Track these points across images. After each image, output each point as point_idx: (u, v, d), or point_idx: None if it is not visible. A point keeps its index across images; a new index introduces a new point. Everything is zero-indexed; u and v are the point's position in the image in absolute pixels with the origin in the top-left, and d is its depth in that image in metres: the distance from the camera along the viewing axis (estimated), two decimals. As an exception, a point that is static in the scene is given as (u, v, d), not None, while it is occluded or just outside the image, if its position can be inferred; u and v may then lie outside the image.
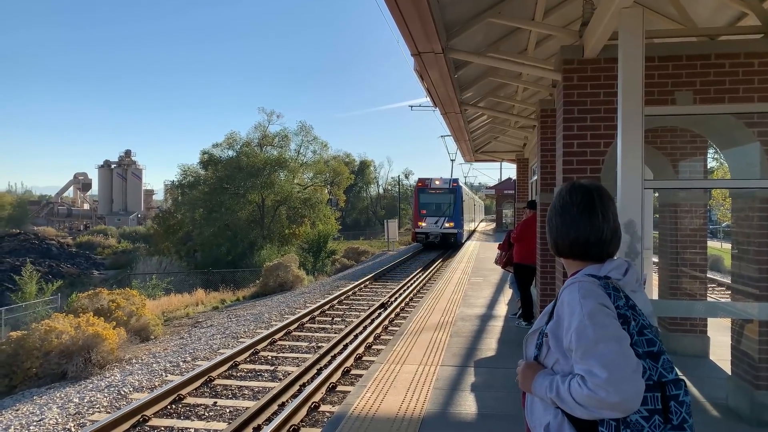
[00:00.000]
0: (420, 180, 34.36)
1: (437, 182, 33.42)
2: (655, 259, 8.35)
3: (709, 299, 10.11)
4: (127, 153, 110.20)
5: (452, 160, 66.50)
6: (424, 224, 32.37)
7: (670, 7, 5.67)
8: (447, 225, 32.13)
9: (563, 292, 1.82)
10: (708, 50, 5.03)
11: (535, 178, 10.14)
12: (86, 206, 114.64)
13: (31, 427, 7.65)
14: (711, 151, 7.79)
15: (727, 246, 25.58)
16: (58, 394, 9.20)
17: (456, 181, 33.75)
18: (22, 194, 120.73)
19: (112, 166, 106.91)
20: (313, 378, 8.73)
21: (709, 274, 13.75)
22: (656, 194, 7.67)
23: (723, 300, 13.86)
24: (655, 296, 8.43)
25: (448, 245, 32.13)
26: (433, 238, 32.24)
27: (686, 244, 7.26)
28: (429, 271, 22.56)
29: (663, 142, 7.13)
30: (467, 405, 5.72)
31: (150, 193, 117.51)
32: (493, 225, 58.70)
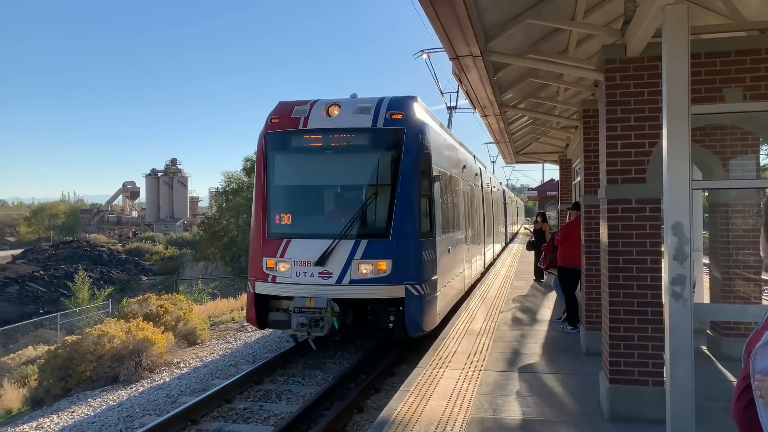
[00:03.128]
0: (278, 111, 9.49)
1: (335, 110, 9.02)
2: (706, 261, 8.09)
3: (764, 302, 9.72)
4: (173, 161, 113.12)
5: (443, 94, 31.66)
6: (283, 268, 8.65)
7: (717, 0, 5.50)
8: (363, 269, 8.31)
9: None
10: (758, 45, 4.86)
11: (579, 179, 9.96)
12: (134, 214, 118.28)
13: (85, 429, 7.93)
14: (765, 147, 7.50)
15: (783, 246, 24.40)
16: (110, 397, 9.52)
17: (404, 103, 9.05)
18: (75, 203, 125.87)
19: (159, 174, 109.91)
20: (358, 381, 8.77)
21: (764, 276, 13.20)
22: (706, 194, 7.45)
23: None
24: (706, 299, 8.18)
25: (375, 339, 10.29)
26: (301, 321, 8.24)
27: (739, 245, 7.02)
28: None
29: (712, 140, 6.91)
30: (512, 411, 5.66)
31: (195, 200, 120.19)
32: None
